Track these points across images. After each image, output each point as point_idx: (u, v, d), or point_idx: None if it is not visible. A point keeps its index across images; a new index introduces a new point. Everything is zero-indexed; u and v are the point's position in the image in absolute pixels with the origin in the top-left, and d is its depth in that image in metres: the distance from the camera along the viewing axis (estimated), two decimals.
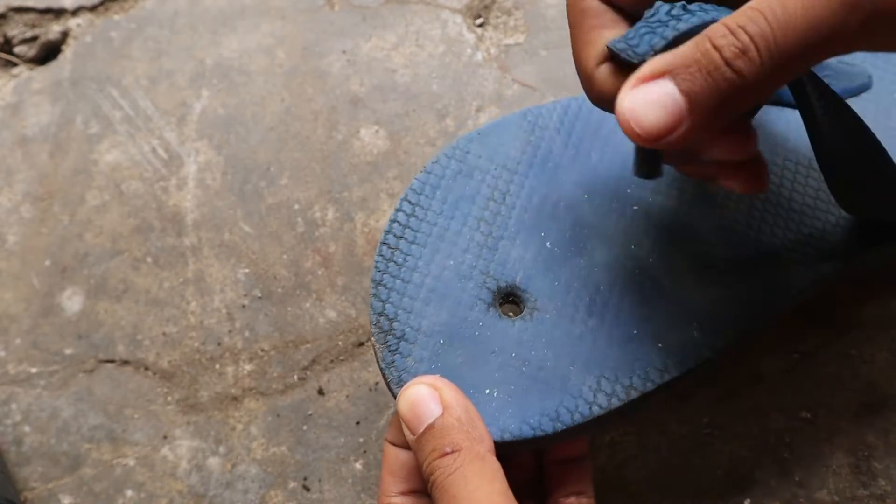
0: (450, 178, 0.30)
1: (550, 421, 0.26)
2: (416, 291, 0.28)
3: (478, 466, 0.24)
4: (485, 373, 0.27)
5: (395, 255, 0.29)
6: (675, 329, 0.28)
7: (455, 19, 0.43)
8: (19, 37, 0.45)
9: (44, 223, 0.41)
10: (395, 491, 0.27)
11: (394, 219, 0.29)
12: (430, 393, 0.25)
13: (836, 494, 0.34)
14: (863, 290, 0.37)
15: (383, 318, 0.28)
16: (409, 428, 0.25)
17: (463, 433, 0.24)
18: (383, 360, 0.27)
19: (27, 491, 0.36)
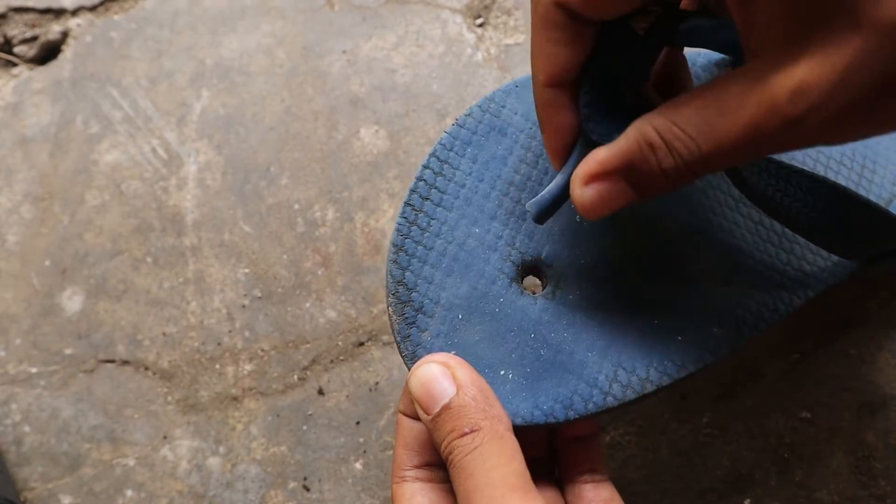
0: (482, 134, 0.28)
1: (563, 409, 0.26)
2: (438, 260, 0.27)
3: (497, 446, 0.23)
4: (502, 353, 0.26)
5: (418, 218, 0.27)
6: (696, 324, 0.27)
7: (455, 19, 0.43)
8: (19, 37, 0.45)
9: (44, 223, 0.41)
10: (410, 465, 0.27)
11: (420, 177, 0.27)
12: (443, 371, 0.25)
13: (836, 494, 0.34)
14: (863, 290, 0.37)
15: (402, 288, 0.26)
16: (422, 407, 0.25)
17: (480, 412, 0.24)
18: (399, 333, 0.26)
19: (27, 491, 0.36)
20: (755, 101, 0.18)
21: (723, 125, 0.19)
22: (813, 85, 0.17)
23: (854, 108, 0.17)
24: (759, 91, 0.18)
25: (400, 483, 0.26)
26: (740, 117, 0.19)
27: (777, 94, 0.18)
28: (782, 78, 0.18)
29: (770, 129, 0.18)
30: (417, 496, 0.26)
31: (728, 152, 0.19)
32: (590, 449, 0.28)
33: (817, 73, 0.17)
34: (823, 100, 0.17)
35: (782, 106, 0.18)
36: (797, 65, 0.17)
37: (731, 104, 0.19)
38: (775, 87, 0.18)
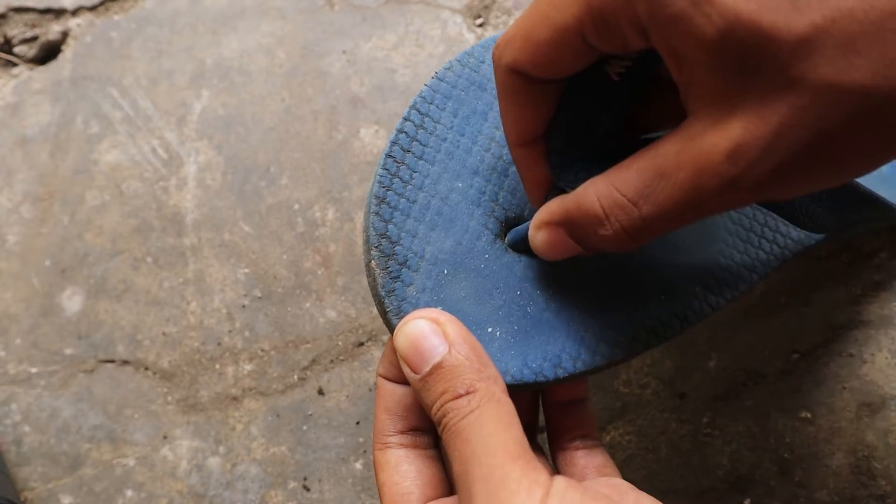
0: (462, 88, 0.28)
1: (552, 367, 0.25)
2: (421, 213, 0.26)
3: (494, 409, 0.22)
4: (488, 309, 0.25)
5: (400, 171, 0.26)
6: (678, 284, 0.27)
7: (455, 19, 0.43)
8: (19, 37, 0.45)
9: (44, 223, 0.41)
10: (393, 430, 0.26)
11: (401, 128, 0.27)
12: (432, 328, 0.23)
13: (836, 494, 0.34)
14: (863, 290, 0.37)
15: (385, 241, 0.25)
16: (410, 366, 0.23)
17: (475, 372, 0.23)
18: (383, 287, 0.25)
19: (27, 491, 0.36)
20: (693, 163, 0.18)
21: (663, 187, 0.19)
22: (749, 144, 0.17)
23: (790, 166, 0.18)
24: (696, 151, 0.18)
25: (383, 450, 0.25)
26: (679, 179, 0.19)
27: (714, 154, 0.18)
28: (718, 138, 0.18)
29: (709, 190, 0.18)
30: (403, 463, 0.25)
31: (668, 215, 0.20)
32: (581, 414, 0.28)
33: (752, 131, 0.17)
34: (759, 158, 0.17)
35: (719, 165, 0.18)
36: (732, 123, 0.18)
37: (670, 165, 0.19)
38: (712, 147, 0.18)
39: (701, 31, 0.17)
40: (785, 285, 0.37)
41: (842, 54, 0.16)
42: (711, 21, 0.17)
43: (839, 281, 0.37)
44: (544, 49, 0.20)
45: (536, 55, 0.21)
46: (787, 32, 0.16)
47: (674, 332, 0.26)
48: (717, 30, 0.17)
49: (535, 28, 0.20)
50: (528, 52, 0.21)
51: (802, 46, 0.16)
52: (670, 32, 0.18)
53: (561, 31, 0.20)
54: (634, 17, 0.18)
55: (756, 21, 0.16)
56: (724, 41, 0.17)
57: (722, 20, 0.17)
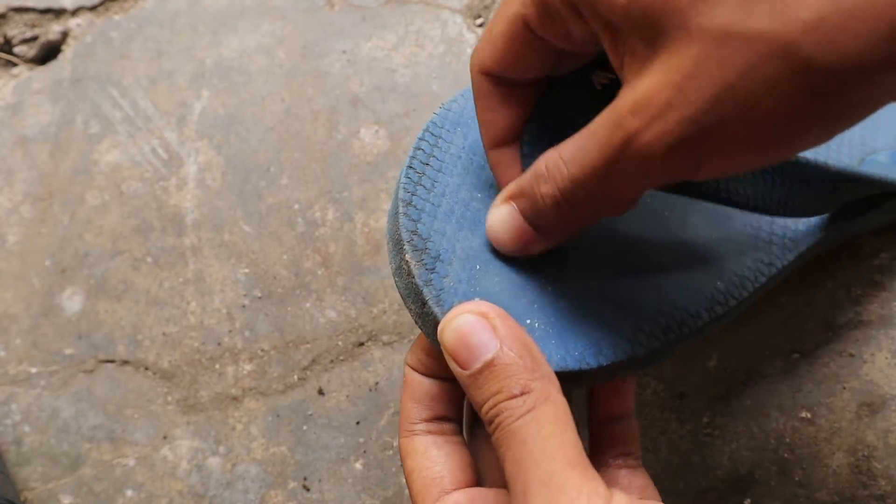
0: (469, 116, 0.29)
1: (594, 354, 0.25)
2: (447, 216, 0.27)
3: (550, 410, 0.22)
4: (524, 303, 0.26)
5: (422, 180, 0.27)
6: (698, 278, 0.28)
7: (455, 19, 0.43)
8: (19, 37, 0.45)
9: (44, 223, 0.41)
10: (419, 418, 0.25)
11: (417, 146, 0.28)
12: (482, 323, 0.23)
13: (836, 494, 0.34)
14: (863, 289, 0.37)
15: (416, 237, 0.26)
16: (458, 362, 0.23)
17: (529, 372, 0.22)
18: (420, 278, 0.25)
19: (27, 491, 0.36)
20: (608, 121, 0.19)
21: (588, 147, 0.20)
22: (652, 96, 0.18)
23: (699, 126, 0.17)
24: (611, 110, 0.19)
25: (409, 437, 0.25)
26: (599, 137, 0.19)
27: (621, 109, 0.18)
28: (628, 94, 0.18)
29: (618, 146, 0.19)
30: (431, 449, 0.25)
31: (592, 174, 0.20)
32: (626, 430, 0.28)
33: (656, 84, 0.17)
34: (662, 111, 0.17)
35: (625, 118, 0.18)
36: (642, 80, 0.18)
37: (596, 124, 0.20)
38: (621, 104, 0.18)
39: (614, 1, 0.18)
40: (785, 285, 0.37)
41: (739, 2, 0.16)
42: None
43: (839, 281, 0.37)
44: (501, 44, 0.22)
45: (497, 53, 0.22)
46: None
47: (703, 322, 0.27)
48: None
49: (494, 26, 0.22)
50: (490, 51, 0.22)
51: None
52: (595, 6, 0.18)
53: (510, 22, 0.21)
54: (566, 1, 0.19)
55: None
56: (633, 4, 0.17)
57: None
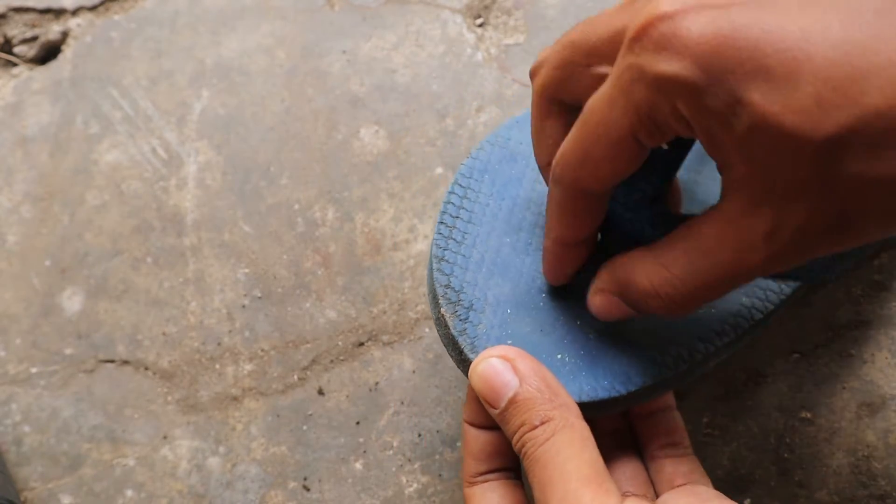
0: (495, 163, 0.31)
1: (623, 383, 0.27)
2: (478, 266, 0.29)
3: (567, 436, 0.24)
4: (554, 339, 0.28)
5: (453, 233, 0.29)
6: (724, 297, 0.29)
7: (455, 19, 0.43)
8: (19, 37, 0.45)
9: (44, 223, 0.41)
10: (476, 471, 0.27)
11: (448, 200, 0.30)
12: (503, 365, 0.25)
13: (836, 494, 0.34)
14: (863, 290, 0.37)
15: (450, 291, 0.28)
16: (488, 403, 0.25)
17: (547, 402, 0.24)
18: (455, 329, 0.27)
19: (27, 491, 0.36)
20: (734, 244, 0.21)
21: (707, 266, 0.21)
22: (785, 226, 0.19)
23: (819, 243, 0.20)
24: (735, 234, 0.20)
25: (470, 486, 0.27)
26: (722, 259, 0.21)
27: (754, 236, 0.20)
28: (756, 222, 0.20)
29: (750, 264, 0.21)
30: (488, 492, 0.27)
31: (711, 288, 0.22)
32: (667, 422, 0.29)
33: (788, 216, 0.19)
34: (794, 238, 0.20)
35: (760, 244, 0.20)
36: (766, 210, 0.20)
37: (712, 246, 0.21)
38: (750, 231, 0.20)
39: (733, 128, 0.19)
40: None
41: (870, 150, 0.17)
42: (741, 120, 0.18)
43: (839, 281, 0.37)
44: (603, 164, 0.22)
45: (597, 171, 0.23)
46: (813, 133, 0.17)
47: (729, 339, 0.28)
48: (746, 128, 0.18)
49: (593, 146, 0.22)
50: (588, 170, 0.23)
51: (831, 146, 0.18)
52: (709, 126, 0.19)
53: (616, 144, 0.22)
54: (678, 114, 0.20)
55: (780, 123, 0.18)
56: (753, 138, 0.18)
57: (749, 119, 0.18)
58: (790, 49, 0.18)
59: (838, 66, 0.17)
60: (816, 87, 0.17)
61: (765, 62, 0.18)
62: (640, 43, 0.20)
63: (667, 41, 0.19)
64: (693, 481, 0.27)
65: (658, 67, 0.19)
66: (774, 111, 0.18)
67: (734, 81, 0.18)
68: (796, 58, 0.17)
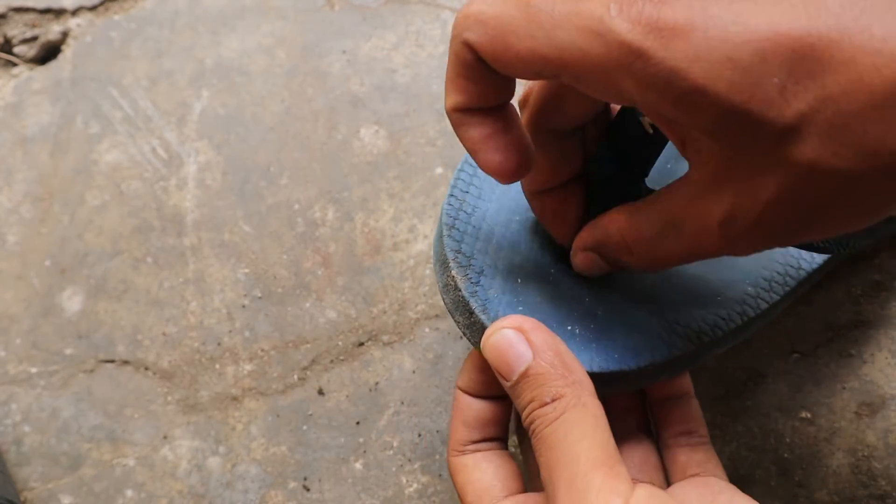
0: None
1: (633, 356, 0.27)
2: (487, 237, 0.29)
3: (578, 415, 0.23)
4: (564, 311, 0.27)
5: (463, 206, 0.29)
6: (730, 285, 0.29)
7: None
8: (19, 37, 0.45)
9: (44, 223, 0.41)
10: (469, 440, 0.27)
11: (457, 176, 0.30)
12: (517, 336, 0.24)
13: (836, 494, 0.34)
14: (863, 290, 0.37)
15: (460, 255, 0.28)
16: (500, 375, 0.24)
17: (560, 379, 0.23)
18: (466, 290, 0.27)
19: (27, 491, 0.36)
20: (696, 221, 0.21)
21: (674, 235, 0.22)
22: (739, 216, 0.20)
23: (777, 233, 0.20)
24: (698, 212, 0.21)
25: (459, 455, 0.27)
26: (686, 231, 0.22)
27: (710, 220, 0.20)
28: (714, 205, 0.20)
29: (707, 246, 0.21)
30: (482, 462, 0.26)
31: (679, 255, 0.23)
32: (684, 410, 0.29)
33: (742, 205, 0.19)
34: (748, 228, 0.20)
35: (714, 230, 0.21)
36: (726, 193, 0.20)
37: (679, 218, 0.22)
38: (708, 214, 0.20)
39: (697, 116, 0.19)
40: None
41: (826, 140, 0.18)
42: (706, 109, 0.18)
43: (839, 281, 0.37)
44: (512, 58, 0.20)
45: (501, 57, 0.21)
46: (775, 118, 0.18)
47: (735, 325, 0.28)
48: (714, 117, 0.18)
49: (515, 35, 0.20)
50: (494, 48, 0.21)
51: (789, 132, 0.18)
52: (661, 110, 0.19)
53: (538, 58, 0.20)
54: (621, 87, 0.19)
55: (747, 110, 0.18)
56: (720, 124, 0.18)
57: (718, 108, 0.18)
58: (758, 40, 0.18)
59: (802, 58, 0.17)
60: (781, 79, 0.18)
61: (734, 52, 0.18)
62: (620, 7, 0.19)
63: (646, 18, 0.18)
64: (707, 472, 0.27)
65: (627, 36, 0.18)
66: (741, 100, 0.18)
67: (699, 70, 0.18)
68: (763, 49, 0.18)
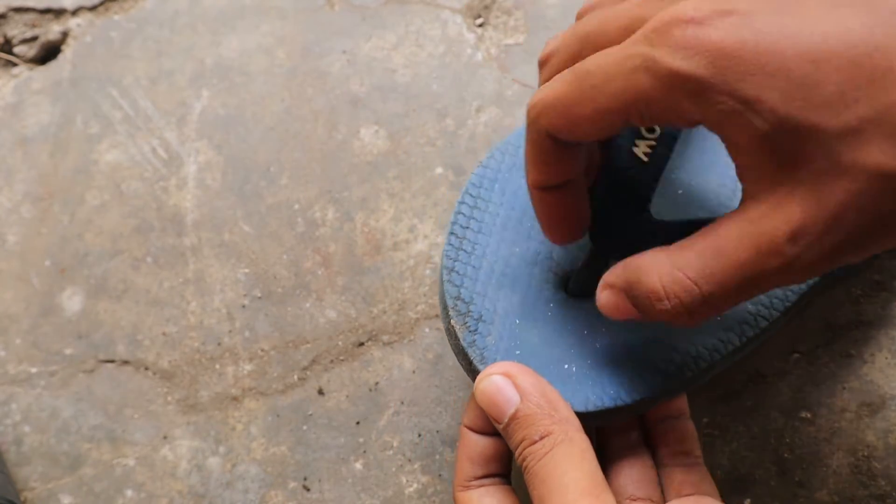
0: (505, 171, 0.31)
1: (628, 392, 0.27)
2: (487, 277, 0.29)
3: (566, 449, 0.24)
4: (562, 349, 0.28)
5: (463, 244, 0.30)
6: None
7: (455, 19, 0.43)
8: (19, 37, 0.45)
9: (44, 223, 0.41)
10: (473, 475, 0.28)
11: (458, 211, 0.30)
12: (505, 381, 0.26)
13: (836, 494, 0.34)
14: (863, 290, 0.37)
15: (460, 302, 0.29)
16: (493, 418, 0.26)
17: (547, 418, 0.25)
18: (464, 340, 0.28)
19: (27, 491, 0.36)
20: (754, 244, 0.20)
21: (723, 268, 0.20)
22: (809, 226, 0.19)
23: (846, 244, 0.19)
24: (757, 233, 0.20)
25: (464, 490, 0.28)
26: (740, 259, 0.20)
27: (776, 237, 0.19)
28: (779, 221, 0.19)
29: (771, 269, 0.20)
30: (485, 497, 0.27)
31: (729, 293, 0.21)
32: (678, 429, 0.29)
33: (812, 215, 0.19)
34: (819, 239, 0.19)
35: (781, 247, 0.19)
36: (791, 207, 0.19)
37: (730, 247, 0.20)
38: (773, 230, 0.19)
39: (752, 127, 0.18)
40: None
41: (893, 142, 0.17)
42: (762, 119, 0.18)
43: (839, 281, 0.37)
44: (584, 124, 0.22)
45: (575, 128, 0.22)
46: (836, 124, 0.18)
47: (734, 346, 0.28)
48: (769, 127, 0.18)
49: (578, 104, 0.21)
50: (565, 123, 0.22)
51: (851, 136, 0.18)
52: (723, 127, 0.19)
53: (604, 113, 0.21)
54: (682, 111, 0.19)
55: (803, 118, 0.18)
56: (775, 136, 0.18)
57: (771, 118, 0.18)
58: (811, 52, 0.18)
59: (860, 66, 0.18)
60: (839, 86, 0.18)
61: (785, 65, 0.18)
62: (660, 37, 0.19)
63: (688, 42, 0.19)
64: (701, 492, 0.28)
65: (673, 64, 0.19)
66: (796, 108, 0.18)
67: (751, 83, 0.18)
68: (817, 59, 0.18)
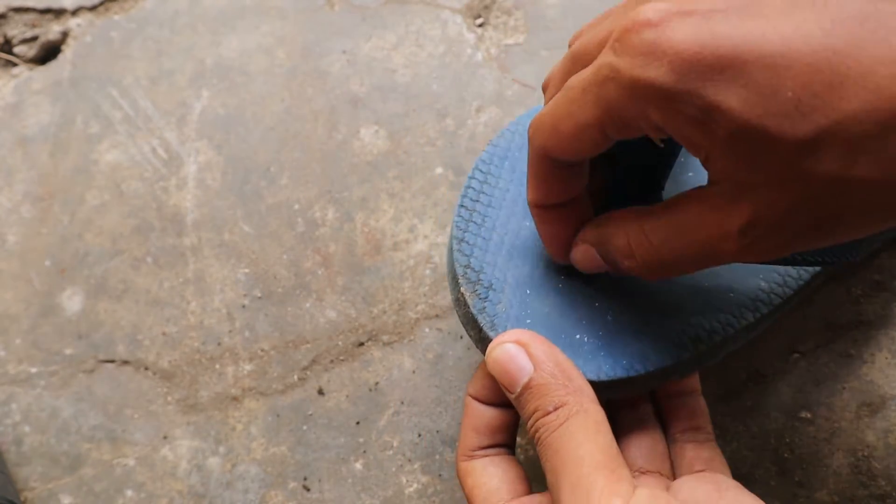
0: (515, 150, 0.31)
1: (641, 362, 0.27)
2: (497, 248, 0.29)
3: (580, 421, 0.24)
4: (573, 320, 0.28)
5: (473, 216, 0.29)
6: (742, 281, 0.29)
7: (455, 19, 0.43)
8: (19, 37, 0.45)
9: (44, 223, 0.41)
10: (478, 445, 0.28)
11: (468, 185, 0.30)
12: (518, 350, 0.25)
13: (836, 494, 0.34)
14: (863, 290, 0.37)
15: (470, 271, 0.28)
16: (504, 387, 0.26)
17: (562, 388, 0.24)
18: (474, 307, 0.28)
19: (27, 491, 0.36)
20: (711, 229, 0.21)
21: (683, 243, 0.22)
22: (759, 223, 0.20)
23: (796, 238, 0.21)
24: (714, 221, 0.21)
25: (468, 460, 0.27)
26: (698, 239, 0.22)
27: (729, 228, 0.21)
28: (734, 215, 0.20)
29: (722, 252, 0.22)
30: (489, 467, 0.27)
31: (683, 263, 0.23)
32: (691, 406, 0.29)
33: (763, 214, 0.20)
34: (767, 234, 0.20)
35: (733, 236, 0.21)
36: (745, 203, 0.20)
37: (692, 226, 0.22)
38: (727, 222, 0.21)
39: (713, 133, 0.19)
40: None
41: (846, 152, 0.18)
42: (721, 126, 0.19)
43: (839, 281, 0.37)
44: (568, 140, 0.23)
45: (561, 144, 0.23)
46: (792, 134, 0.18)
47: (748, 322, 0.29)
48: (729, 133, 0.19)
49: (562, 120, 0.23)
50: (554, 141, 0.23)
51: (809, 146, 0.18)
52: (685, 132, 0.20)
53: (582, 128, 0.22)
54: (650, 120, 0.20)
55: (760, 126, 0.18)
56: (736, 141, 0.19)
57: (732, 125, 0.18)
58: (771, 56, 0.18)
59: (818, 72, 0.18)
60: (796, 93, 0.18)
61: (745, 69, 0.18)
62: (622, 45, 0.20)
63: (647, 48, 0.19)
64: (713, 468, 0.28)
65: (634, 72, 0.20)
66: (755, 115, 0.18)
67: (712, 88, 0.18)
68: (777, 64, 0.18)
